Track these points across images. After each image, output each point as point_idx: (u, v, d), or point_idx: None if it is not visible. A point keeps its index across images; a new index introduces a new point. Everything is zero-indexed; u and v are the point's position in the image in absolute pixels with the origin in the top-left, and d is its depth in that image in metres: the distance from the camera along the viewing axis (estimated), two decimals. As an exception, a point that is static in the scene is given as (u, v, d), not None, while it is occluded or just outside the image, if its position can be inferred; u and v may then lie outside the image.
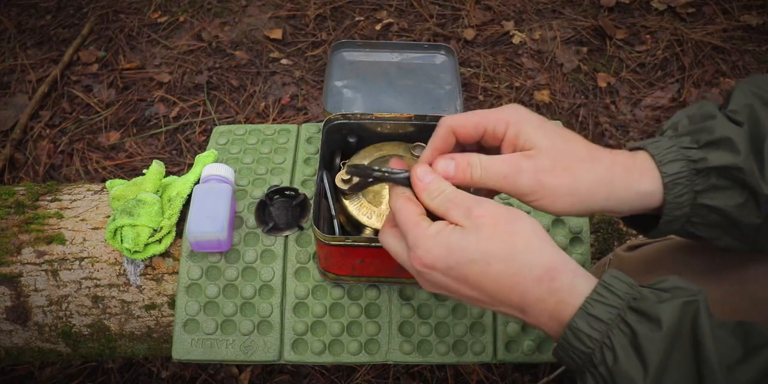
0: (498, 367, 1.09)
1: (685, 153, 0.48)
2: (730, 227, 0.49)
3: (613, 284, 0.41)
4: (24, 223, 0.79)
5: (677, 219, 0.49)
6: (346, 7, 1.74)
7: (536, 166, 0.47)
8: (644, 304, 0.40)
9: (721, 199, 0.48)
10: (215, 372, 1.09)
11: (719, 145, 0.47)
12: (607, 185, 0.47)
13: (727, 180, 0.47)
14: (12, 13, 1.76)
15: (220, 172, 0.78)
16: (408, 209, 0.47)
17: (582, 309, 0.41)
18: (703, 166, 0.47)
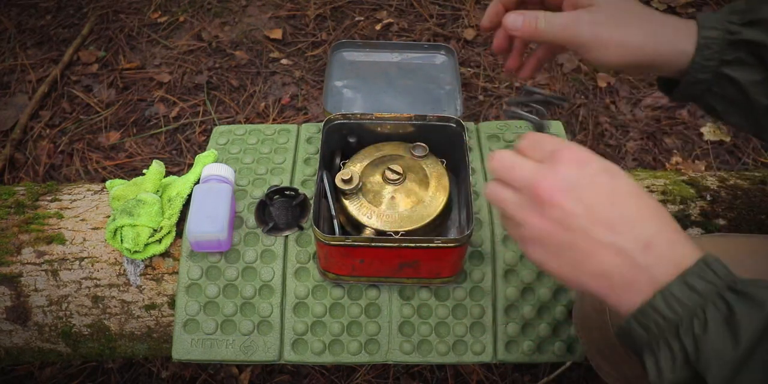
0: (498, 367, 1.09)
1: (727, 26, 0.52)
2: (743, 104, 0.53)
3: (713, 265, 0.39)
4: (24, 223, 0.79)
5: (700, 82, 0.53)
6: (346, 7, 1.73)
7: (594, 18, 0.53)
8: (745, 287, 0.38)
9: (741, 73, 0.52)
10: (215, 372, 1.09)
11: (758, 24, 0.51)
12: (655, 41, 0.53)
13: (753, 57, 0.52)
14: (12, 13, 1.76)
15: (220, 172, 0.78)
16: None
17: (681, 277, 0.39)
18: (736, 38, 0.52)
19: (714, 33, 0.53)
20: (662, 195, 0.82)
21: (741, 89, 0.53)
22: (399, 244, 0.63)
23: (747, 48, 0.52)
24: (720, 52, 0.53)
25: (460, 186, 0.76)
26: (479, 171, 0.83)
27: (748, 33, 0.52)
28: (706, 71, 0.53)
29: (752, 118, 0.54)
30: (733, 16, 0.53)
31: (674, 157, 1.42)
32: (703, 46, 0.53)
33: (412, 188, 0.71)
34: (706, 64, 0.53)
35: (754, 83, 0.52)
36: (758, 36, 0.51)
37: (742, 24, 0.52)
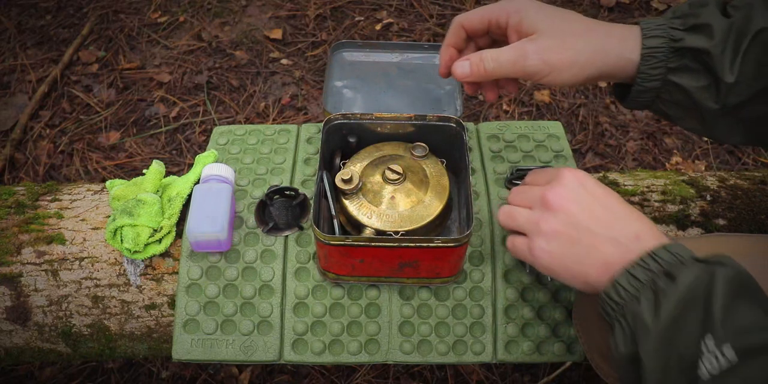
0: (498, 367, 1.09)
1: (670, 32, 0.53)
2: (692, 109, 0.54)
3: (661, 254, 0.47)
4: (24, 223, 0.79)
5: (648, 90, 0.55)
6: (346, 7, 1.74)
7: (540, 46, 0.54)
8: (674, 268, 0.45)
9: (687, 79, 0.53)
10: (215, 372, 1.09)
11: (699, 30, 0.52)
12: (603, 53, 0.54)
13: (697, 62, 0.52)
14: (12, 13, 1.76)
15: (220, 172, 0.78)
16: None
17: (626, 271, 0.47)
18: (680, 45, 0.53)
19: (657, 41, 0.53)
20: (662, 195, 0.82)
21: (689, 95, 0.53)
22: (399, 244, 0.63)
23: (691, 54, 0.52)
24: (665, 60, 0.53)
25: (460, 186, 0.76)
26: (479, 171, 0.83)
27: (690, 39, 0.52)
28: (653, 79, 0.54)
29: (704, 122, 0.55)
30: (675, 21, 0.54)
31: (674, 157, 1.42)
32: (647, 55, 0.53)
33: (412, 188, 0.71)
34: (653, 73, 0.54)
35: (700, 89, 0.53)
36: (700, 42, 0.52)
37: (685, 29, 0.53)
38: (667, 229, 0.79)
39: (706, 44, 0.51)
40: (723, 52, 0.51)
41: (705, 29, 0.52)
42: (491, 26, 0.58)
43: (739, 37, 0.51)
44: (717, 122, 0.54)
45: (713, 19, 0.52)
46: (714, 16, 0.52)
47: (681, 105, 0.55)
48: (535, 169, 0.60)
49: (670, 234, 0.78)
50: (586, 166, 1.40)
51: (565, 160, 0.83)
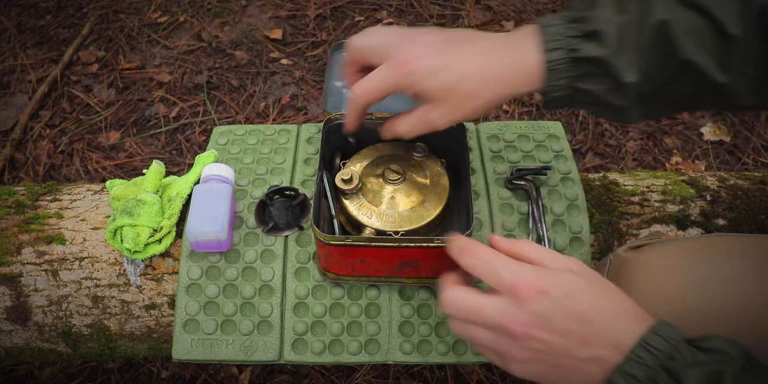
0: (498, 367, 1.09)
1: (568, 42, 0.53)
2: (605, 106, 0.56)
3: (653, 343, 0.43)
4: (24, 223, 0.79)
5: (559, 99, 0.56)
6: (346, 7, 1.74)
7: (442, 112, 0.57)
8: (675, 365, 0.42)
9: (592, 84, 0.54)
10: (215, 372, 1.09)
11: (592, 37, 0.52)
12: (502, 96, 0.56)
13: (596, 68, 0.53)
14: (12, 13, 1.76)
15: (220, 172, 0.78)
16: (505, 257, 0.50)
17: (620, 367, 0.43)
18: (578, 55, 0.53)
19: (557, 54, 0.53)
20: (662, 195, 0.82)
21: (597, 97, 0.55)
22: (399, 244, 0.63)
23: (591, 62, 0.53)
24: (568, 71, 0.54)
25: (460, 186, 0.76)
26: (479, 171, 0.83)
27: (587, 49, 0.52)
28: (560, 89, 0.55)
29: (620, 114, 0.57)
30: (573, 28, 0.53)
31: (674, 157, 1.42)
32: (550, 69, 0.54)
33: (412, 188, 0.71)
34: (559, 84, 0.55)
35: (606, 91, 0.54)
36: (596, 51, 0.52)
37: (581, 37, 0.53)
38: (667, 229, 0.79)
39: (600, 52, 0.52)
40: (619, 54, 0.51)
41: (597, 36, 0.52)
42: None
43: (638, 32, 0.51)
44: (633, 112, 0.55)
45: (604, 24, 0.52)
46: (605, 20, 0.52)
47: (594, 104, 0.56)
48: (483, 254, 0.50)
49: (671, 234, 0.78)
50: (586, 165, 1.40)
51: (565, 160, 0.83)
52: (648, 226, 0.79)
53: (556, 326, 0.45)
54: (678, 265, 0.59)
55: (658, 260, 0.60)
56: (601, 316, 0.45)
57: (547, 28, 0.54)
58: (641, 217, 0.79)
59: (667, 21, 0.50)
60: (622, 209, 0.80)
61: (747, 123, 1.49)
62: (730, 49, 0.51)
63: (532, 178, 0.80)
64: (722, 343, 0.43)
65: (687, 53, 0.51)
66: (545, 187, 0.80)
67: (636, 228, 0.79)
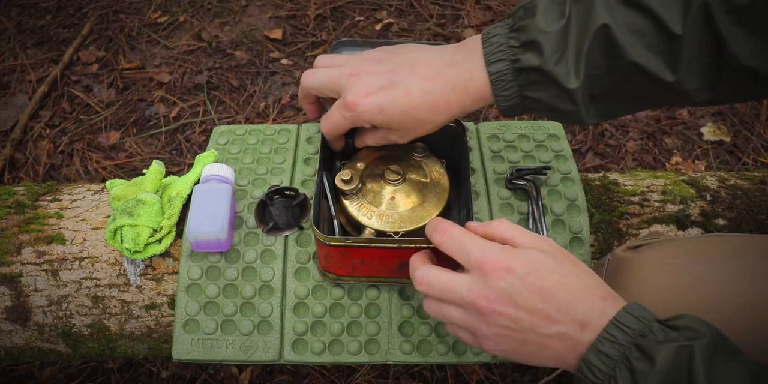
0: (498, 367, 1.09)
1: (510, 52, 0.54)
2: (557, 111, 0.56)
3: (625, 322, 0.44)
4: (24, 223, 0.79)
5: (512, 107, 0.57)
6: (346, 7, 1.74)
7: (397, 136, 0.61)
8: (646, 342, 0.43)
9: (540, 92, 0.54)
10: (215, 372, 1.09)
11: (530, 47, 0.53)
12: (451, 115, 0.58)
13: (540, 76, 0.53)
14: (12, 13, 1.76)
15: (220, 172, 0.78)
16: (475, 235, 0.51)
17: (593, 345, 0.45)
18: (519, 66, 0.54)
19: (500, 65, 0.54)
20: (662, 195, 0.82)
21: (546, 103, 0.55)
22: (399, 245, 0.63)
23: (532, 71, 0.53)
24: (513, 80, 0.54)
25: (460, 186, 0.76)
26: (479, 171, 0.83)
27: (526, 59, 0.53)
28: (510, 99, 0.56)
29: (576, 117, 0.57)
30: (513, 37, 0.54)
31: (674, 157, 1.42)
32: (496, 80, 0.55)
33: (412, 188, 0.71)
34: (507, 94, 0.55)
35: (553, 97, 0.54)
36: (534, 60, 0.52)
37: (520, 46, 0.53)
38: (667, 229, 0.79)
39: (538, 62, 0.52)
40: (558, 62, 0.52)
41: (535, 46, 0.52)
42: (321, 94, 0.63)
43: (579, 38, 0.51)
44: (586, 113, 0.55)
45: (539, 33, 0.52)
46: (540, 30, 0.52)
47: (546, 110, 0.56)
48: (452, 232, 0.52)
49: (671, 234, 0.78)
50: (586, 165, 1.40)
51: (565, 160, 0.83)
52: (648, 226, 0.79)
53: (521, 302, 0.46)
54: (676, 265, 0.59)
55: (657, 260, 0.60)
56: (566, 293, 0.46)
57: (490, 39, 0.55)
58: (641, 217, 0.79)
59: (608, 25, 0.50)
60: (622, 209, 0.80)
61: (747, 123, 1.49)
62: (675, 48, 0.51)
63: (532, 178, 0.80)
64: (693, 321, 0.44)
65: (632, 56, 0.51)
66: (545, 187, 0.80)
67: (636, 228, 0.79)
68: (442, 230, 0.52)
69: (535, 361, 0.49)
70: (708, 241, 0.62)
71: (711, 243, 0.61)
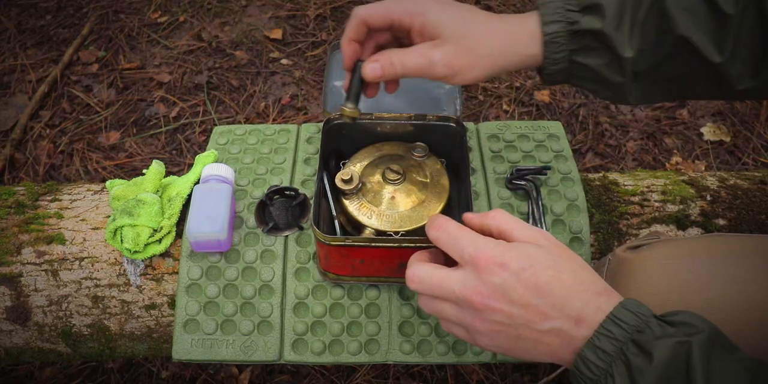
0: (498, 367, 1.09)
1: (567, 15, 0.55)
2: (603, 82, 0.56)
3: (622, 317, 0.44)
4: (24, 223, 0.79)
5: (557, 72, 0.57)
6: (346, 7, 1.74)
7: (444, 54, 0.55)
8: (644, 337, 0.42)
9: (591, 58, 0.55)
10: (215, 372, 1.09)
11: (592, 10, 0.54)
12: (502, 54, 0.56)
13: (596, 41, 0.54)
14: (12, 13, 1.76)
15: (220, 172, 0.78)
16: (470, 231, 0.50)
17: (590, 341, 0.44)
18: (577, 28, 0.54)
19: (556, 26, 0.55)
20: (662, 195, 0.82)
21: (594, 72, 0.56)
22: (399, 244, 0.63)
23: (589, 35, 0.54)
24: (566, 44, 0.55)
25: (460, 186, 0.76)
26: (479, 171, 0.83)
27: (585, 21, 0.54)
28: (558, 63, 0.56)
29: (617, 91, 0.57)
30: (571, 3, 0.55)
31: (674, 157, 1.42)
32: (549, 41, 0.55)
33: (412, 188, 0.71)
34: (557, 57, 0.56)
35: (603, 65, 0.55)
36: (595, 24, 0.53)
37: (580, 10, 0.54)
38: (667, 229, 0.79)
39: (599, 25, 0.53)
40: (618, 28, 0.53)
41: (597, 9, 0.53)
42: (394, 25, 0.57)
43: (635, 8, 0.52)
44: (630, 90, 0.56)
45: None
46: None
47: (592, 80, 0.57)
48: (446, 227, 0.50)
49: (670, 234, 0.78)
50: (586, 165, 1.40)
51: (565, 160, 0.83)
52: (648, 226, 0.79)
53: (515, 298, 0.45)
54: (676, 265, 0.59)
55: (657, 260, 0.60)
56: (561, 289, 0.45)
57: (547, 4, 0.56)
58: (641, 217, 0.79)
59: None
60: (622, 209, 0.80)
61: (747, 123, 1.49)
62: (725, 28, 0.51)
63: (532, 178, 0.80)
64: (690, 316, 0.44)
65: (682, 30, 0.51)
66: (545, 187, 0.80)
67: (636, 228, 0.79)
68: (437, 226, 0.51)
69: (530, 357, 0.48)
70: (708, 241, 0.62)
71: (711, 243, 0.61)
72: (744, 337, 0.49)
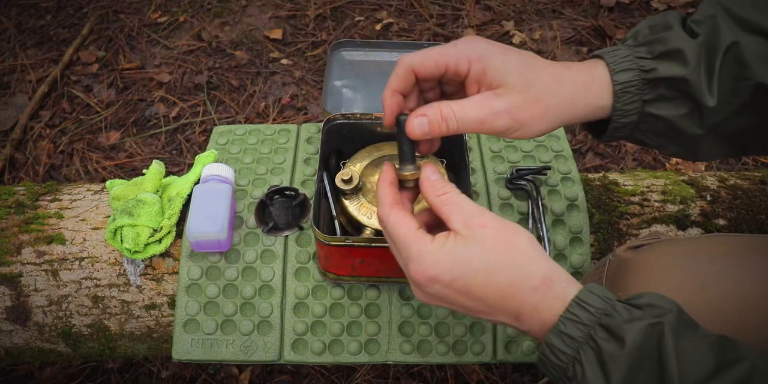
0: (498, 367, 1.09)
1: (639, 63, 0.50)
2: (675, 136, 0.52)
3: (587, 300, 0.43)
4: (24, 223, 0.79)
5: (625, 126, 0.52)
6: (346, 7, 1.74)
7: (509, 104, 0.48)
8: (613, 321, 0.42)
9: (667, 109, 0.50)
10: (215, 372, 1.09)
11: (670, 57, 0.49)
12: (570, 105, 0.50)
13: (674, 90, 0.50)
14: (12, 13, 1.76)
15: (220, 172, 0.78)
16: (405, 224, 0.48)
17: (555, 326, 0.43)
18: (653, 76, 0.50)
19: (628, 75, 0.50)
20: (662, 195, 0.82)
21: (670, 124, 0.51)
22: (399, 244, 0.63)
23: (666, 83, 0.50)
24: (639, 93, 0.50)
25: (460, 186, 0.76)
26: (479, 171, 0.83)
27: (664, 68, 0.49)
28: (630, 114, 0.51)
29: (687, 146, 0.53)
30: (641, 50, 0.51)
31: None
32: (620, 91, 0.50)
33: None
34: (628, 108, 0.51)
35: (681, 117, 0.50)
36: (675, 70, 0.49)
37: (654, 58, 0.50)
38: (667, 229, 0.79)
39: (682, 71, 0.49)
40: (700, 76, 0.48)
41: (677, 55, 0.49)
42: (447, 73, 0.50)
43: (710, 56, 0.49)
44: (700, 144, 0.52)
45: (683, 42, 0.49)
46: (683, 40, 0.49)
47: (662, 133, 0.52)
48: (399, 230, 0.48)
49: (671, 234, 0.78)
50: (586, 165, 1.40)
51: (565, 160, 0.83)
52: (648, 226, 0.79)
53: (454, 301, 0.47)
54: (677, 265, 0.59)
55: (657, 260, 0.60)
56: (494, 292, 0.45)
57: (612, 53, 0.51)
58: (641, 217, 0.79)
59: (738, 42, 0.48)
60: (622, 209, 0.80)
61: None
62: None
63: (532, 178, 0.80)
64: (655, 298, 0.43)
65: (760, 77, 0.47)
66: (545, 187, 0.80)
67: (636, 228, 0.79)
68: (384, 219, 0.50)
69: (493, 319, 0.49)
70: (708, 241, 0.61)
71: (712, 243, 0.61)
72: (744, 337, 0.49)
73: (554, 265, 0.46)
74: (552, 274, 0.45)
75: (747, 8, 0.49)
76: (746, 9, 0.49)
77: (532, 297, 0.44)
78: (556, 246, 0.76)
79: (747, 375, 0.38)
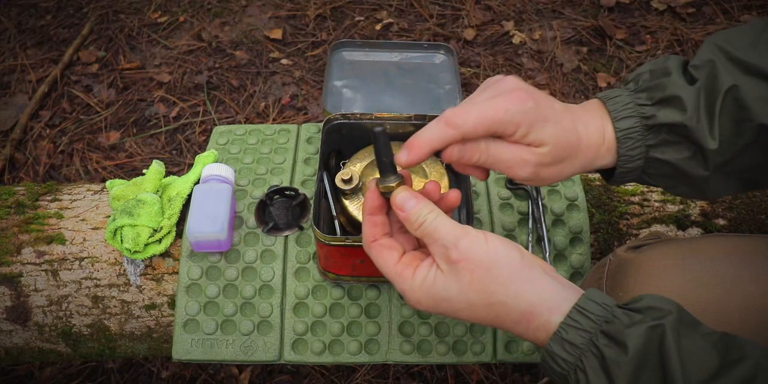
0: (498, 367, 1.09)
1: (639, 109, 0.52)
2: (683, 178, 0.53)
3: (588, 307, 0.43)
4: (24, 223, 0.79)
5: (632, 171, 0.54)
6: (346, 7, 1.74)
7: (538, 161, 0.51)
8: (614, 327, 0.42)
9: (670, 153, 0.52)
10: (215, 372, 1.09)
11: (669, 103, 0.51)
12: (584, 167, 0.53)
13: (676, 135, 0.51)
14: (12, 13, 1.76)
15: (220, 172, 0.78)
16: (385, 260, 0.49)
17: (556, 334, 0.43)
18: (653, 122, 0.51)
19: (629, 122, 0.52)
20: (662, 195, 0.82)
21: (676, 167, 0.52)
22: (399, 244, 0.63)
23: (667, 129, 0.51)
24: (642, 139, 0.52)
25: (460, 186, 0.76)
26: (479, 171, 0.83)
27: (663, 115, 0.51)
28: (635, 160, 0.53)
29: (695, 187, 0.54)
30: (641, 96, 0.52)
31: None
32: (623, 137, 0.52)
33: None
34: (633, 154, 0.53)
35: (686, 159, 0.52)
36: (674, 116, 0.50)
37: (654, 104, 0.51)
38: (667, 229, 0.79)
39: (681, 117, 0.50)
40: (699, 121, 0.49)
41: (675, 102, 0.50)
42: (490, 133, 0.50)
43: (710, 100, 0.50)
44: (708, 184, 0.53)
45: (680, 89, 0.50)
46: (680, 86, 0.50)
47: (670, 176, 0.54)
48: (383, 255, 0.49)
49: (671, 234, 0.78)
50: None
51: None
52: (648, 226, 0.79)
53: (445, 312, 0.48)
54: (677, 265, 0.59)
55: (658, 260, 0.60)
56: (482, 321, 0.48)
57: (612, 99, 0.53)
58: (641, 217, 0.79)
59: (737, 86, 0.49)
60: (622, 209, 0.80)
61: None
62: None
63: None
64: (654, 300, 0.43)
65: (761, 118, 0.48)
66: (545, 187, 0.80)
67: (636, 228, 0.79)
68: (367, 245, 0.51)
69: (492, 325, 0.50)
70: (709, 241, 0.61)
71: (712, 243, 0.61)
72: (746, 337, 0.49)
73: (538, 291, 0.45)
74: (533, 307, 0.45)
75: (746, 51, 0.49)
76: (745, 52, 0.49)
77: (516, 328, 0.46)
78: (556, 246, 0.76)
79: (751, 374, 0.38)
